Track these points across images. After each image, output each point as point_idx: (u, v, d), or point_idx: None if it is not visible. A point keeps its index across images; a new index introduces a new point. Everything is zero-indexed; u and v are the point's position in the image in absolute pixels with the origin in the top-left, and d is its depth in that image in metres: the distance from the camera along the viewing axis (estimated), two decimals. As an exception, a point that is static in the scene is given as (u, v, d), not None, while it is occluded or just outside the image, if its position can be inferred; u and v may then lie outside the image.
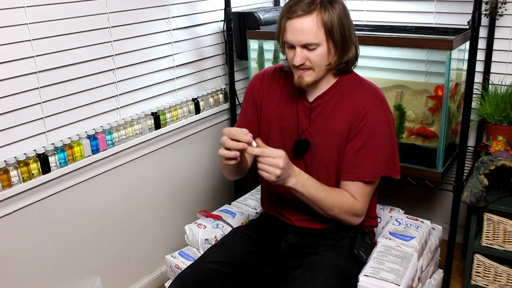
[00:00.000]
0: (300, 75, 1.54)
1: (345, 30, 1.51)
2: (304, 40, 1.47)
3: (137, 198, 2.21)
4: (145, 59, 2.13)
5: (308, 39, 1.47)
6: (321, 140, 1.62)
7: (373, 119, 1.55)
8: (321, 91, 1.62)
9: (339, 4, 1.51)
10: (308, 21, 1.46)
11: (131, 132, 2.08)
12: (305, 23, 1.46)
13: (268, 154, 1.39)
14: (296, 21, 1.47)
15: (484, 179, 2.00)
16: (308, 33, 1.46)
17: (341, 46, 1.52)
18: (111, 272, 2.14)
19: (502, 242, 2.03)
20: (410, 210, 2.14)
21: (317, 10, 1.46)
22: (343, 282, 1.52)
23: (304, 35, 1.47)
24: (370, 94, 1.59)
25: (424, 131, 2.13)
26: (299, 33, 1.47)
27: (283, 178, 1.43)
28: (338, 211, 1.55)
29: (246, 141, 1.39)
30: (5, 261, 1.73)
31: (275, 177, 1.40)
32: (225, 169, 1.70)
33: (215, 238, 1.81)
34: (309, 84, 1.55)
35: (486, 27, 2.29)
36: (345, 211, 1.55)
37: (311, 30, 1.46)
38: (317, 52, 1.49)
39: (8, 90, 1.66)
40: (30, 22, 1.69)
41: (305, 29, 1.46)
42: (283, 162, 1.39)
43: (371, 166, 1.56)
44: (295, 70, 1.56)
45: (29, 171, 1.72)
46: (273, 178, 1.40)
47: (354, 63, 1.61)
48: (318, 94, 1.62)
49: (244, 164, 1.67)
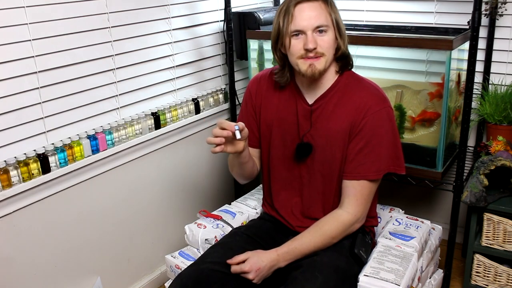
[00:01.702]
0: (311, 63, 1.54)
1: (342, 23, 1.58)
2: (317, 22, 1.51)
3: (137, 198, 2.21)
4: (145, 59, 2.13)
5: (320, 20, 1.51)
6: (323, 142, 1.62)
7: (374, 116, 1.55)
8: (321, 92, 1.62)
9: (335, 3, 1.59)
10: (317, 5, 1.52)
11: (131, 132, 2.08)
12: (315, 7, 1.52)
13: (236, 271, 1.51)
14: (305, 5, 1.52)
15: (484, 179, 2.00)
16: (320, 16, 1.51)
17: (344, 35, 1.57)
18: (111, 272, 2.14)
19: (502, 242, 2.03)
20: (410, 210, 2.13)
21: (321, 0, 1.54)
22: (343, 282, 1.52)
23: (316, 18, 1.51)
24: (370, 92, 1.59)
25: (426, 115, 2.12)
26: (310, 17, 1.51)
27: (266, 275, 1.52)
28: (337, 238, 1.59)
29: (230, 129, 1.50)
30: (5, 261, 1.73)
31: (255, 280, 1.50)
32: (233, 170, 1.76)
33: (215, 238, 1.81)
34: (321, 71, 1.56)
35: (486, 27, 2.29)
36: (341, 232, 1.59)
37: (322, 14, 1.52)
38: (327, 37, 1.53)
39: (8, 90, 1.66)
40: (30, 22, 1.69)
41: (316, 12, 1.51)
42: (252, 276, 1.49)
43: (375, 164, 1.56)
44: (303, 61, 1.54)
45: (29, 171, 1.72)
46: (255, 281, 1.51)
47: (351, 60, 1.64)
48: (317, 96, 1.62)
49: (249, 167, 1.71)
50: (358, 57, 2.25)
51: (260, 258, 1.52)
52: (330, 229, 1.58)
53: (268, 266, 1.52)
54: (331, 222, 1.59)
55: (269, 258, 1.53)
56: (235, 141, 1.54)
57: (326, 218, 1.61)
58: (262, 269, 1.51)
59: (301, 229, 1.64)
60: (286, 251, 1.55)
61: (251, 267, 1.50)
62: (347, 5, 2.65)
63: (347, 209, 1.59)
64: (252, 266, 1.50)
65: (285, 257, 1.55)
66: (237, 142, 1.55)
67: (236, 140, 1.53)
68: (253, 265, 1.50)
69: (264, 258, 1.52)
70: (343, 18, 1.60)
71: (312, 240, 1.57)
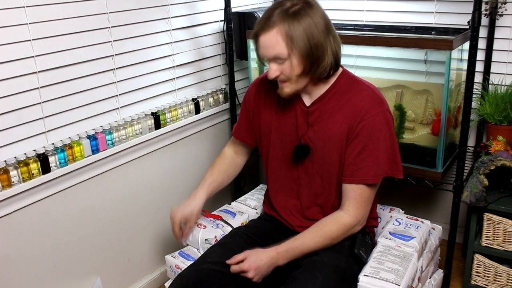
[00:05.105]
0: (281, 86, 1.58)
1: (315, 40, 1.48)
2: (270, 53, 1.51)
3: (137, 198, 2.21)
4: (145, 59, 2.13)
5: (274, 52, 1.50)
6: (321, 144, 1.62)
7: (372, 120, 1.55)
8: (318, 94, 1.62)
9: (307, 16, 1.48)
10: (271, 35, 1.48)
11: (131, 132, 2.08)
12: (269, 38, 1.49)
13: (236, 271, 1.52)
14: (261, 37, 1.51)
15: (484, 179, 2.00)
16: (272, 47, 1.49)
17: (311, 56, 1.49)
18: (111, 272, 2.14)
19: (502, 242, 2.03)
20: (410, 210, 2.14)
21: (278, 25, 1.47)
22: (343, 281, 1.52)
23: (269, 50, 1.50)
24: (368, 95, 1.59)
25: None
26: (265, 48, 1.51)
27: (265, 273, 1.53)
28: (338, 239, 1.60)
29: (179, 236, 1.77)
30: (5, 261, 1.73)
31: (254, 278, 1.51)
32: None
33: (215, 238, 1.81)
34: (290, 94, 1.58)
35: (486, 27, 2.29)
36: (342, 233, 1.59)
37: (277, 44, 1.48)
38: (286, 64, 1.51)
39: (8, 90, 1.66)
40: (30, 22, 1.69)
41: (269, 43, 1.49)
42: (251, 274, 1.50)
43: (373, 168, 1.56)
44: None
45: (29, 171, 1.72)
46: (255, 279, 1.52)
47: (333, 68, 1.57)
48: (315, 98, 1.63)
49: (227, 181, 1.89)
50: (358, 57, 2.25)
51: (259, 256, 1.52)
52: (331, 230, 1.58)
53: (268, 265, 1.52)
54: (332, 223, 1.59)
55: (268, 257, 1.53)
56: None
57: (327, 219, 1.61)
58: (261, 268, 1.51)
59: (301, 229, 1.64)
60: (285, 249, 1.55)
61: (250, 265, 1.50)
62: (347, 5, 2.64)
63: (348, 211, 1.59)
64: (251, 265, 1.50)
65: (284, 256, 1.55)
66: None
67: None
68: (252, 263, 1.50)
69: (263, 256, 1.53)
70: (343, 18, 1.59)
71: (312, 240, 1.57)
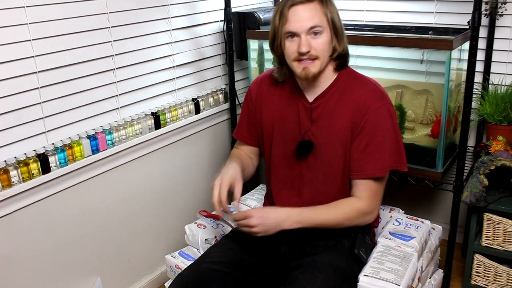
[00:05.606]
0: (305, 66, 1.54)
1: (340, 22, 1.57)
2: (310, 23, 1.50)
3: (137, 198, 2.21)
4: (145, 59, 2.13)
5: (314, 21, 1.50)
6: (325, 140, 1.62)
7: (375, 114, 1.56)
8: (321, 90, 1.62)
9: (333, 2, 1.58)
10: (312, 7, 1.51)
11: (131, 132, 2.08)
12: (309, 9, 1.51)
13: (239, 217, 1.52)
14: (300, 7, 1.51)
15: (484, 179, 2.00)
16: (313, 18, 1.50)
17: (341, 36, 1.56)
18: (111, 272, 2.14)
19: (502, 242, 2.03)
20: (410, 210, 2.14)
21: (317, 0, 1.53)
22: (343, 282, 1.52)
23: (307, 20, 1.50)
24: (370, 90, 1.60)
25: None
26: (304, 19, 1.50)
27: (269, 229, 1.51)
28: (348, 222, 1.58)
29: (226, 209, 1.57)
30: (5, 261, 1.73)
31: (256, 233, 1.50)
32: None
33: (215, 238, 1.81)
34: (315, 74, 1.56)
35: (486, 27, 2.29)
36: (354, 217, 1.58)
37: (316, 15, 1.51)
38: (321, 39, 1.52)
39: (8, 90, 1.66)
40: (30, 22, 1.69)
41: (310, 14, 1.50)
42: (255, 221, 1.49)
43: (379, 161, 1.57)
44: (297, 63, 1.55)
45: (29, 171, 1.72)
46: (258, 234, 1.50)
47: (347, 60, 1.63)
48: (317, 94, 1.62)
49: (247, 174, 1.75)
50: (358, 57, 2.25)
51: (266, 210, 1.55)
52: (345, 210, 1.58)
53: (275, 219, 1.52)
54: (347, 205, 1.59)
55: (277, 213, 1.54)
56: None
57: (342, 200, 1.61)
58: (267, 219, 1.51)
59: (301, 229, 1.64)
60: (297, 213, 1.55)
61: (254, 213, 1.51)
62: (347, 5, 2.65)
63: (361, 199, 1.59)
64: (256, 213, 1.51)
65: (293, 218, 1.54)
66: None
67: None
68: (257, 212, 1.51)
69: (271, 211, 1.55)
70: (343, 18, 1.59)
71: (325, 213, 1.57)
